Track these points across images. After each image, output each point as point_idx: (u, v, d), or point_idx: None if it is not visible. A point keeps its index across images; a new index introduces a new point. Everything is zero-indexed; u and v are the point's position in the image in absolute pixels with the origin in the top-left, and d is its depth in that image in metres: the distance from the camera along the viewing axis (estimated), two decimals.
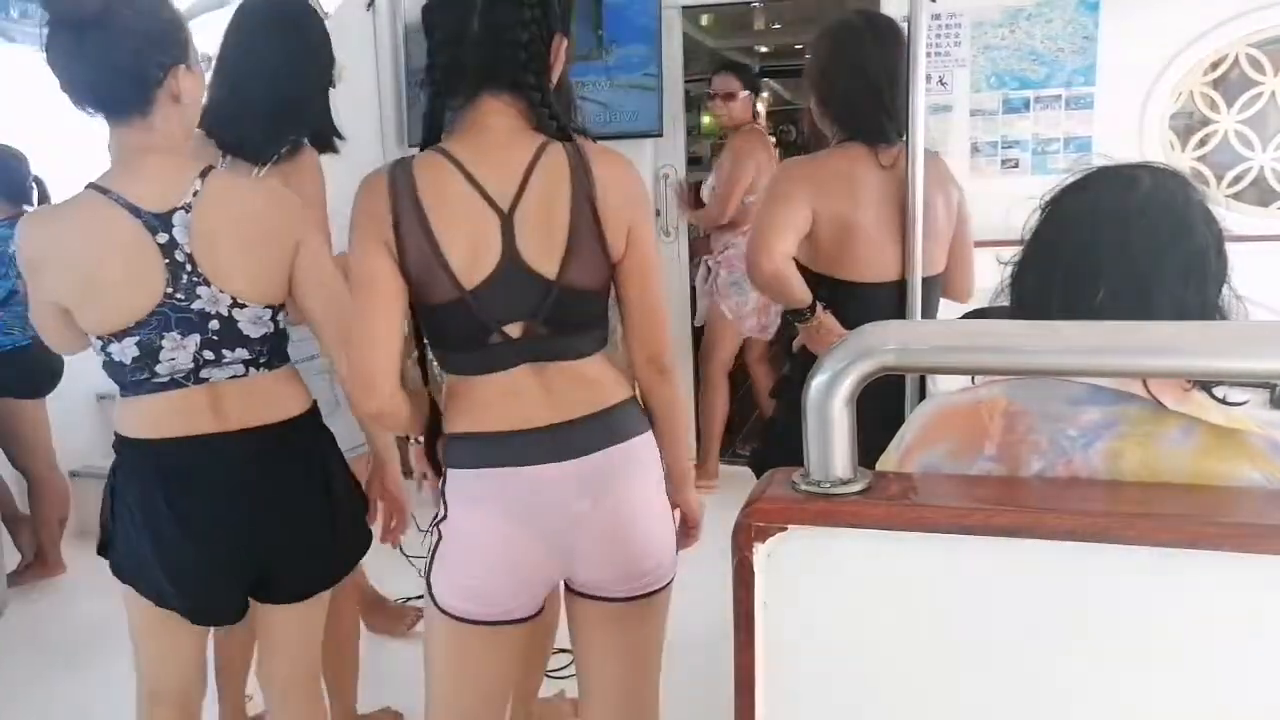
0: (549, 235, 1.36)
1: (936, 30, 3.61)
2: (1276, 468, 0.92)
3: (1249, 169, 3.54)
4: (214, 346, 1.56)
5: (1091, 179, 1.05)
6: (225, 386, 1.59)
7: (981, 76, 3.66)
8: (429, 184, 1.36)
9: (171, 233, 1.52)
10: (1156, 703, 0.72)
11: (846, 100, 2.15)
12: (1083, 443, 0.94)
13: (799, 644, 0.77)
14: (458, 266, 1.36)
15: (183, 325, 1.54)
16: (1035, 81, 3.61)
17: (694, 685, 1.60)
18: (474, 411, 1.43)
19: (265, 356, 1.62)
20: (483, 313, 1.38)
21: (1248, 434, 0.94)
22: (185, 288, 1.53)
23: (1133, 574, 0.70)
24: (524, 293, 1.37)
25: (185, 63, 1.53)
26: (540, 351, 1.41)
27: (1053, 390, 0.98)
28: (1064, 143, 3.61)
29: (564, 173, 1.37)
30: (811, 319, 2.12)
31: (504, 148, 1.38)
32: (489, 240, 1.36)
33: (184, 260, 1.52)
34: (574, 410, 1.42)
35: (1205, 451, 0.91)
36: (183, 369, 1.56)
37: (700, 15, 5.43)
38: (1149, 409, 0.95)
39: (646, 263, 1.44)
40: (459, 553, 1.44)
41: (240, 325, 1.57)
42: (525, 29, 1.37)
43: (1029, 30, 3.59)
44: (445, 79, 1.40)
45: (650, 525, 1.47)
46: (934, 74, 3.61)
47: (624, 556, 1.46)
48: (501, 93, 1.39)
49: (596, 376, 1.45)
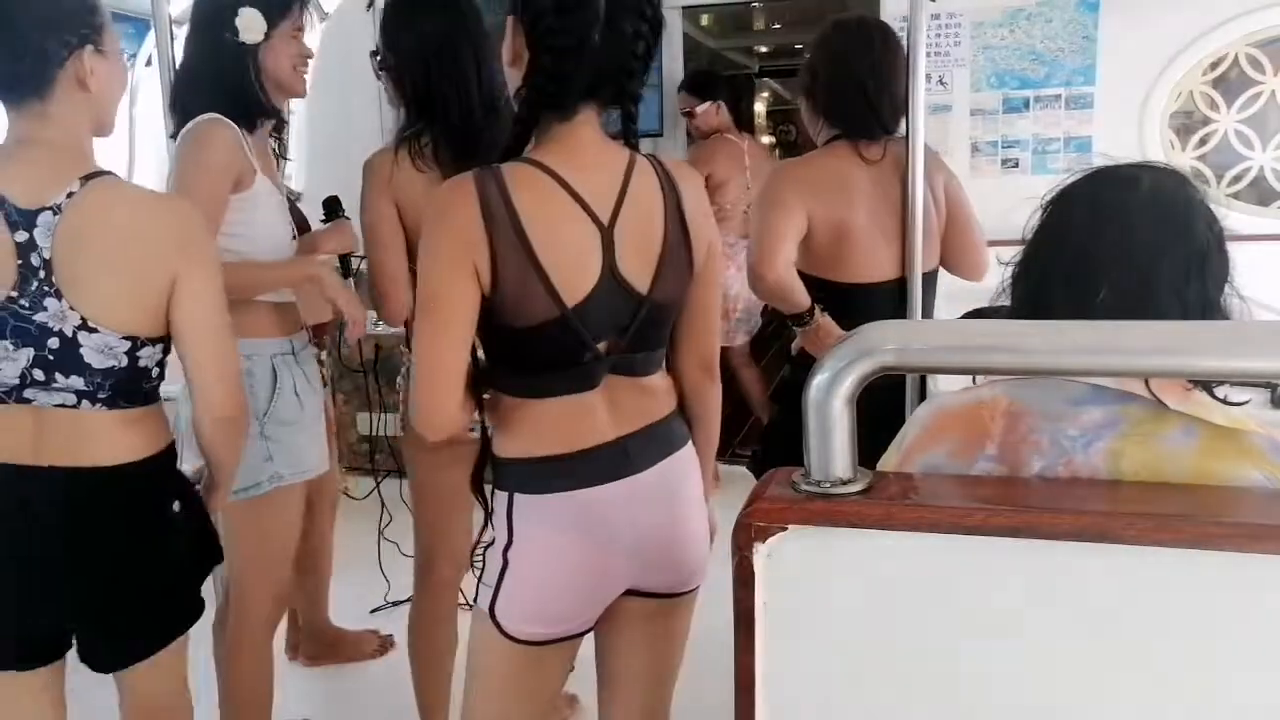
0: (646, 249, 1.35)
1: (936, 30, 3.61)
2: (1277, 467, 0.91)
3: (1249, 168, 3.54)
4: (47, 366, 1.39)
5: (1092, 178, 1.05)
6: (51, 414, 1.41)
7: (981, 76, 3.66)
8: (527, 198, 1.29)
9: (33, 233, 1.37)
10: (1157, 702, 0.72)
11: (830, 95, 2.16)
12: (1083, 442, 0.94)
13: (799, 644, 0.77)
14: (560, 283, 1.29)
15: (18, 335, 1.38)
16: (1035, 81, 3.61)
17: (694, 685, 1.60)
18: (539, 434, 1.37)
19: (106, 393, 1.43)
20: (583, 330, 1.33)
21: (1249, 434, 0.94)
22: (32, 295, 1.37)
23: (1133, 574, 0.70)
24: (618, 308, 1.35)
25: (97, 46, 1.41)
26: (620, 366, 1.38)
27: (1054, 390, 0.98)
28: (1064, 142, 3.61)
29: (655, 184, 1.37)
30: (811, 322, 2.12)
31: (597, 158, 1.35)
32: (590, 254, 1.32)
33: (39, 265, 1.37)
34: (634, 422, 1.40)
35: (1206, 451, 0.91)
36: (5, 383, 1.40)
37: (700, 15, 5.43)
38: (1150, 409, 0.95)
39: (717, 270, 1.47)
40: (531, 579, 1.39)
41: (82, 350, 1.39)
42: (643, 41, 1.32)
43: (1029, 30, 3.59)
44: (557, 91, 1.31)
45: (697, 528, 1.48)
46: (934, 73, 3.61)
47: (678, 560, 1.46)
48: (598, 104, 1.35)
49: (655, 388, 1.44)
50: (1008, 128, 3.66)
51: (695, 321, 1.47)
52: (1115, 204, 1.01)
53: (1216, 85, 3.53)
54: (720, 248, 1.48)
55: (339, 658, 2.78)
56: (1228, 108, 3.52)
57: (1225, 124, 3.54)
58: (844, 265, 2.14)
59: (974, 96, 3.68)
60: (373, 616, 2.95)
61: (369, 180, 1.90)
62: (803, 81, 2.23)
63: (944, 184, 2.24)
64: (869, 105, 2.12)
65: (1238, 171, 3.55)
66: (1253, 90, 3.50)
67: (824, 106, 2.18)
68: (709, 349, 1.49)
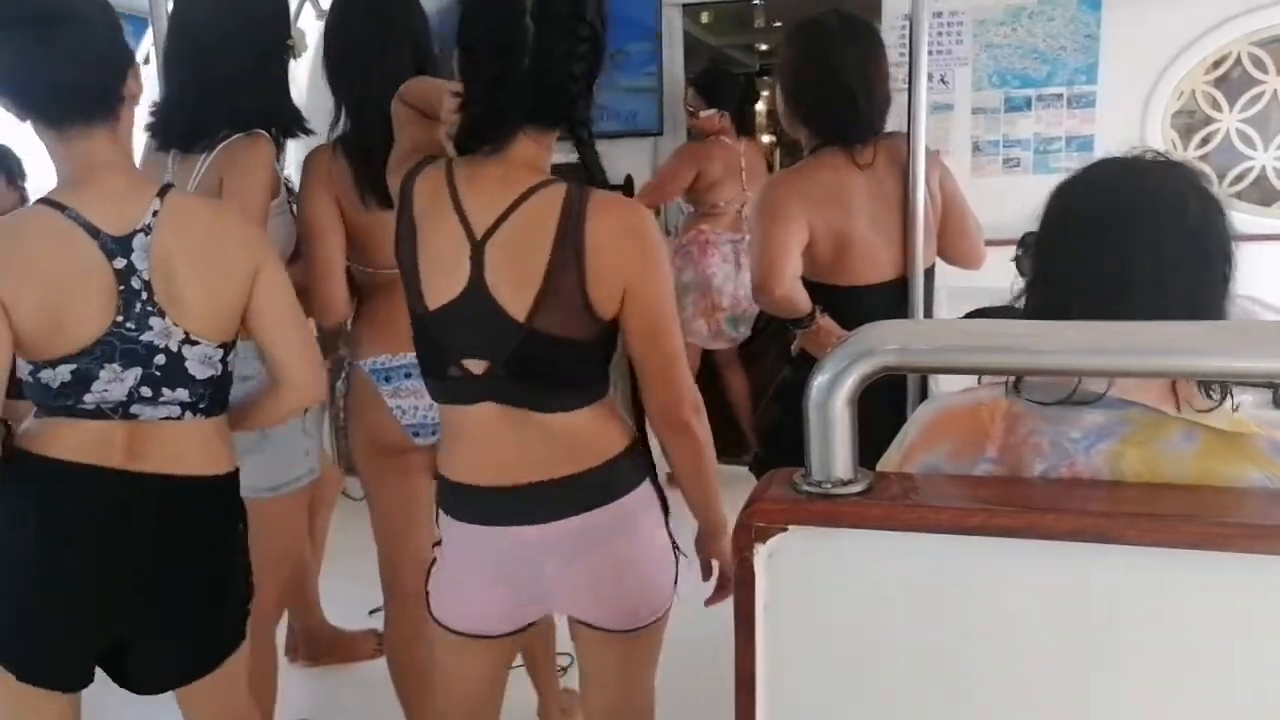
0: (522, 275, 1.28)
1: (938, 28, 3.60)
2: (1278, 468, 0.92)
3: (1251, 168, 3.53)
4: (154, 383, 1.41)
5: (1095, 171, 1.05)
6: (150, 427, 1.42)
7: (983, 75, 3.66)
8: (423, 194, 1.35)
9: (130, 258, 1.37)
10: (1158, 701, 0.72)
11: (820, 104, 2.13)
12: (1085, 445, 0.94)
13: (799, 644, 0.77)
14: (427, 282, 1.34)
15: (126, 357, 1.39)
16: (1037, 80, 3.61)
17: (694, 686, 1.60)
18: (453, 452, 1.40)
19: (205, 402, 1.46)
20: (441, 339, 1.34)
21: (1250, 436, 0.94)
22: (137, 317, 1.38)
23: (1134, 574, 0.70)
24: (491, 329, 1.30)
25: (135, 60, 1.41)
26: (506, 395, 1.34)
27: (1054, 393, 0.98)
28: (1066, 141, 3.61)
29: (552, 217, 1.28)
30: (812, 324, 2.11)
31: (503, 176, 1.31)
32: (458, 265, 1.31)
33: (140, 288, 1.38)
34: (556, 469, 1.34)
35: (1208, 454, 0.92)
36: (112, 401, 1.40)
37: (700, 13, 5.42)
38: (1152, 414, 0.95)
39: (656, 323, 1.33)
40: (447, 578, 1.46)
41: (187, 364, 1.42)
42: (580, 61, 1.27)
43: (1031, 28, 3.58)
44: (485, 123, 1.30)
45: (645, 571, 1.42)
46: (936, 72, 3.60)
47: (613, 599, 1.42)
48: (541, 129, 1.33)
49: (584, 432, 1.36)
50: (1009, 127, 3.66)
51: (643, 374, 1.36)
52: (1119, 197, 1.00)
53: (1219, 84, 3.52)
54: (669, 308, 1.35)
55: (338, 658, 2.78)
56: (1230, 107, 3.52)
57: (1227, 123, 3.53)
58: (845, 270, 2.13)
59: (975, 95, 3.67)
60: (372, 616, 2.94)
61: (308, 173, 1.92)
62: (782, 84, 2.19)
63: (939, 179, 2.23)
64: (857, 112, 2.10)
65: (1239, 171, 3.54)
66: (1255, 90, 3.49)
67: (809, 115, 2.15)
68: (659, 402, 1.37)
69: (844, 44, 2.10)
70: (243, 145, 1.83)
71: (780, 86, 2.21)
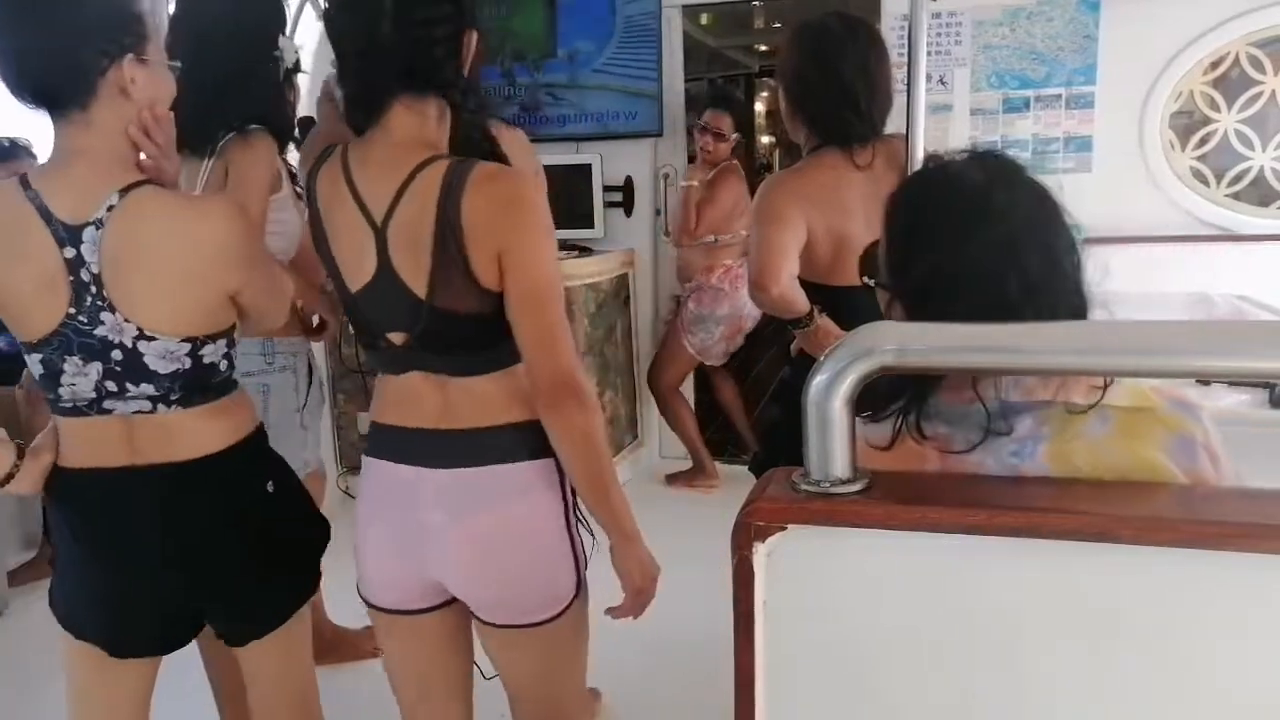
0: (417, 253, 1.31)
1: (937, 29, 3.61)
2: (1190, 425, 0.96)
3: (1249, 169, 3.53)
4: (116, 378, 1.41)
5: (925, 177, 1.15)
6: (141, 419, 1.45)
7: (982, 75, 3.66)
8: (325, 188, 1.39)
9: (80, 249, 1.36)
10: (1158, 702, 0.72)
11: (822, 106, 2.13)
12: (1027, 453, 0.97)
13: (799, 643, 0.77)
14: (344, 271, 1.39)
15: (85, 351, 1.40)
16: (1036, 81, 3.61)
17: (694, 685, 1.60)
18: (380, 404, 1.47)
19: (178, 394, 1.45)
20: (367, 315, 1.40)
21: (1154, 407, 0.97)
22: (89, 310, 1.38)
23: (1133, 573, 0.70)
24: (398, 306, 1.35)
25: (139, 55, 1.39)
26: (427, 364, 1.39)
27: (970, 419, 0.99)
28: (1064, 142, 3.61)
29: (433, 194, 1.29)
30: (810, 324, 2.11)
31: (388, 155, 1.33)
32: (366, 252, 1.35)
33: (90, 281, 1.37)
34: (461, 422, 1.38)
35: (1124, 433, 0.95)
36: (84, 397, 1.42)
37: (700, 14, 5.42)
38: (1060, 410, 0.98)
39: (532, 292, 1.31)
40: (358, 539, 1.50)
41: (146, 359, 1.41)
42: (444, 24, 1.31)
43: (1029, 29, 3.59)
44: (357, 95, 1.34)
45: (526, 556, 1.41)
46: (934, 73, 3.61)
47: (497, 584, 1.41)
48: (415, 96, 1.33)
49: (485, 394, 1.39)
50: (1008, 127, 3.66)
51: (522, 345, 1.34)
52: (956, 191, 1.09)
53: (1217, 85, 3.53)
54: (547, 276, 1.33)
55: (339, 657, 2.78)
56: (1228, 107, 3.52)
57: (1225, 124, 3.53)
58: (843, 271, 2.13)
59: (974, 96, 3.67)
60: None
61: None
62: (783, 85, 2.19)
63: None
64: (857, 114, 2.10)
65: (1238, 172, 3.54)
66: (1253, 90, 3.49)
67: (810, 117, 2.15)
68: (534, 375, 1.34)
69: (846, 45, 2.10)
70: (240, 144, 1.91)
71: (782, 88, 2.21)
